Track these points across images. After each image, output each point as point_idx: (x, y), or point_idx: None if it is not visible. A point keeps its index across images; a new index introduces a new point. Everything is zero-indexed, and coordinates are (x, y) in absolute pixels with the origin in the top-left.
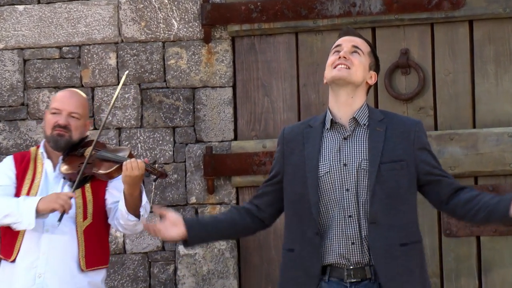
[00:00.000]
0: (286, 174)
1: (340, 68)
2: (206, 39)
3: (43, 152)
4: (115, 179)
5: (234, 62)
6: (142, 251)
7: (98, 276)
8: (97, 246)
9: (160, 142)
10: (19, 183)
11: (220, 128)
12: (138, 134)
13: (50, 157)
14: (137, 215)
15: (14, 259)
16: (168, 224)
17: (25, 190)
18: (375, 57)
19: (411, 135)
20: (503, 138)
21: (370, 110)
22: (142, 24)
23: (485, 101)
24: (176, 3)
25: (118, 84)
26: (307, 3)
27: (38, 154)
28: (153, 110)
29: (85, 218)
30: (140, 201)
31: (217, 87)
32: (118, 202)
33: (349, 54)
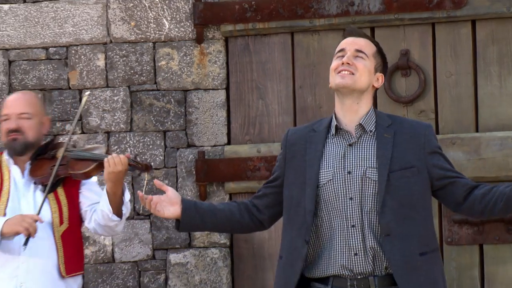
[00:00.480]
0: (286, 178)
1: (343, 74)
2: (199, 40)
3: (9, 158)
4: (88, 182)
5: (227, 63)
6: (132, 260)
7: (76, 282)
8: (74, 251)
9: (150, 146)
10: None
11: (212, 132)
12: (128, 138)
13: (16, 163)
14: (119, 215)
15: None
16: (165, 200)
17: None
18: (382, 56)
19: (421, 139)
20: (507, 143)
21: (377, 115)
22: (132, 24)
23: (488, 104)
24: (167, 2)
25: (107, 86)
26: (303, 2)
27: (3, 161)
28: (143, 113)
29: (61, 223)
30: (122, 199)
31: (209, 90)
32: (95, 205)
33: (352, 59)
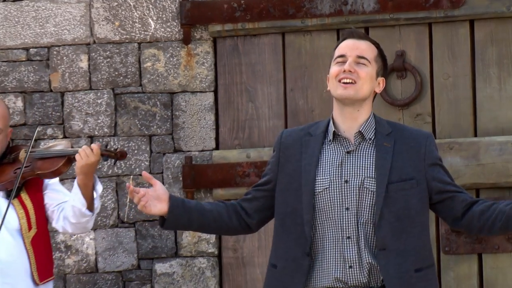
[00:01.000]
0: (279, 183)
1: (346, 86)
2: (186, 40)
3: None
4: (51, 182)
5: (215, 65)
6: (116, 270)
7: None
8: (45, 256)
9: (135, 151)
10: None
11: (200, 136)
12: (112, 143)
13: None
14: (91, 209)
15: None
16: (152, 195)
17: None
18: (383, 59)
19: (422, 150)
20: (507, 148)
21: (377, 122)
22: (116, 23)
23: (487, 107)
24: (153, 1)
25: (90, 88)
26: (295, 1)
27: None
28: (127, 117)
29: (30, 228)
30: (93, 192)
31: (197, 92)
32: (62, 204)
33: (354, 66)
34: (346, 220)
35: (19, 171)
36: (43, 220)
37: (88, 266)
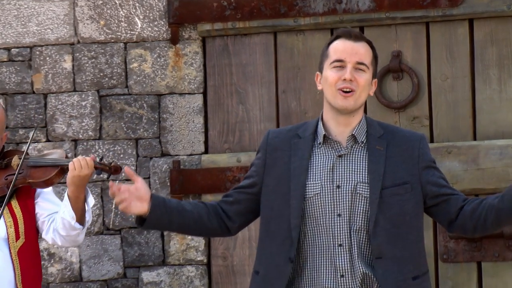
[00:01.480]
0: (265, 186)
1: (346, 96)
2: (174, 40)
3: None
4: (44, 191)
5: (204, 65)
6: (101, 279)
7: None
8: (32, 268)
9: (121, 155)
10: None
11: (188, 140)
12: (97, 147)
13: None
14: (82, 223)
15: None
16: (133, 194)
17: None
18: (376, 59)
19: (415, 153)
20: (507, 152)
21: (368, 124)
22: (101, 23)
23: (487, 110)
24: None
25: (74, 90)
26: (287, 0)
27: None
28: (113, 120)
29: (17, 238)
30: (85, 205)
31: (185, 94)
32: (53, 214)
33: (354, 74)
34: (338, 227)
35: (13, 179)
36: (33, 230)
37: (72, 275)
